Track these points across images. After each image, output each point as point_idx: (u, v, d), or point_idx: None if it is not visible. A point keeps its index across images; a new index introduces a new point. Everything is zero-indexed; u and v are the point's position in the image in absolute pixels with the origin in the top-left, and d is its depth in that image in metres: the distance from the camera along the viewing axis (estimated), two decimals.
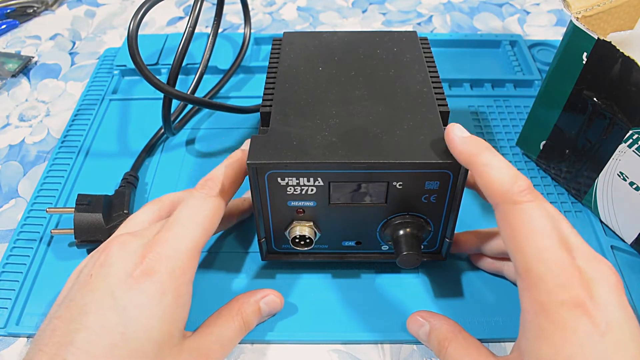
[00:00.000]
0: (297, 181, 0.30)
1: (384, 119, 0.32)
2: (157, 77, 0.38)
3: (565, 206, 0.41)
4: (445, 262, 0.36)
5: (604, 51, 0.33)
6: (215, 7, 0.49)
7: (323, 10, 0.64)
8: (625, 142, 0.34)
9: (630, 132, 0.33)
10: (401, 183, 0.30)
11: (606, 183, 0.37)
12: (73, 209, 0.37)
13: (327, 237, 0.34)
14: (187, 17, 0.47)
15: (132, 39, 0.36)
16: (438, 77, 0.35)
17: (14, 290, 0.36)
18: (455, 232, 0.34)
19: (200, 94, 0.50)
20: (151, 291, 0.26)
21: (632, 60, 0.31)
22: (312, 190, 0.31)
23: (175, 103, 0.46)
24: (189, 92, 0.46)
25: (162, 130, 0.46)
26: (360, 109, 0.32)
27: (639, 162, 0.34)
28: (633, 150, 0.34)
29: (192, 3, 0.40)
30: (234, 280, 0.37)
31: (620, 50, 0.32)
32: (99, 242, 0.35)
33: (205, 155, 0.46)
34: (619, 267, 0.37)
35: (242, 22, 0.55)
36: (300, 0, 0.66)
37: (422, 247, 0.34)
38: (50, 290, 0.36)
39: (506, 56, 0.55)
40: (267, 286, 0.34)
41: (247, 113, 0.46)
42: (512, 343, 0.33)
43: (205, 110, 0.50)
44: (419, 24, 0.62)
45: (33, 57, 0.58)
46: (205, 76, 0.50)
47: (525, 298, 0.25)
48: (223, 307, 0.32)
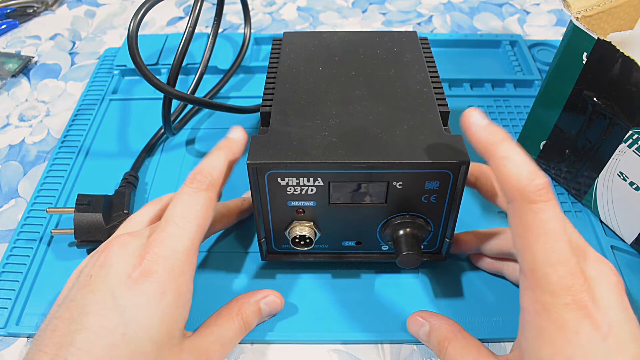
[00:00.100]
0: (297, 181, 0.30)
1: (384, 119, 0.32)
2: (157, 77, 0.38)
3: (565, 206, 0.41)
4: (445, 262, 0.36)
5: (604, 51, 0.33)
6: (215, 7, 0.49)
7: (323, 10, 0.64)
8: (625, 142, 0.34)
9: (630, 132, 0.33)
10: (401, 183, 0.30)
11: (606, 183, 0.37)
12: (73, 209, 0.37)
13: (327, 237, 0.34)
14: (187, 17, 0.47)
15: (132, 39, 0.36)
16: (438, 77, 0.35)
17: (14, 290, 0.36)
18: (455, 232, 0.34)
19: (200, 94, 0.50)
20: (150, 292, 0.26)
21: (632, 60, 0.31)
22: (312, 190, 0.31)
23: (175, 103, 0.46)
24: (189, 92, 0.46)
25: (162, 130, 0.46)
26: (360, 109, 0.32)
27: (639, 162, 0.34)
28: (633, 150, 0.34)
29: (192, 3, 0.40)
30: (234, 280, 0.37)
31: (620, 50, 0.32)
32: (99, 242, 0.35)
33: (205, 155, 0.46)
34: (619, 267, 0.37)
35: (242, 22, 0.55)
36: (300, 0, 0.66)
37: (422, 247, 0.34)
38: (50, 290, 0.36)
39: (506, 56, 0.55)
40: (267, 286, 0.35)
41: (247, 113, 0.46)
42: (512, 343, 0.33)
43: (205, 110, 0.50)
44: (419, 24, 0.62)
45: (33, 57, 0.58)
46: (205, 76, 0.50)
47: (526, 297, 0.25)
48: (223, 307, 0.32)
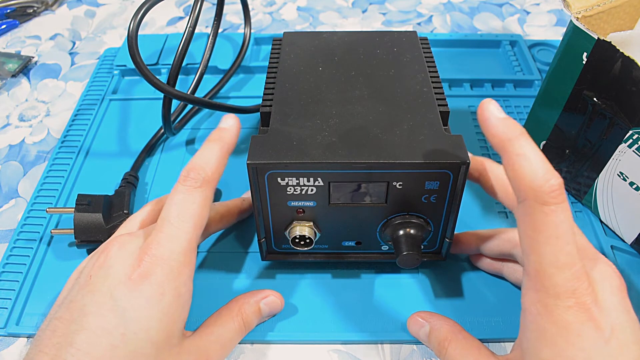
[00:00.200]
0: (297, 181, 0.30)
1: (384, 119, 0.32)
2: (157, 77, 0.38)
3: None
4: (445, 262, 0.36)
5: (604, 51, 0.33)
6: (215, 7, 0.49)
7: (323, 10, 0.64)
8: (625, 142, 0.34)
9: (630, 132, 0.33)
10: (401, 183, 0.30)
11: (606, 183, 0.37)
12: (73, 209, 0.37)
13: (327, 237, 0.34)
14: (187, 17, 0.47)
15: (132, 39, 0.36)
16: (438, 77, 0.35)
17: (14, 290, 0.36)
18: (455, 232, 0.34)
19: (200, 94, 0.50)
20: (149, 293, 0.26)
21: (632, 60, 0.31)
22: (312, 190, 0.31)
23: (175, 103, 0.46)
24: (189, 92, 0.46)
25: (162, 130, 0.46)
26: (360, 109, 0.32)
27: (639, 162, 0.34)
28: (633, 150, 0.34)
29: (192, 3, 0.40)
30: (234, 280, 0.37)
31: (620, 50, 0.32)
32: (99, 242, 0.35)
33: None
34: (619, 267, 0.37)
35: (242, 22, 0.55)
36: (300, 0, 0.66)
37: (422, 247, 0.34)
38: (50, 290, 0.36)
39: (506, 56, 0.55)
40: (267, 286, 0.35)
41: (247, 113, 0.46)
42: (512, 343, 0.33)
43: (205, 110, 0.50)
44: (419, 24, 0.62)
45: (33, 57, 0.58)
46: (205, 76, 0.50)
47: (529, 298, 0.25)
48: (223, 307, 0.32)
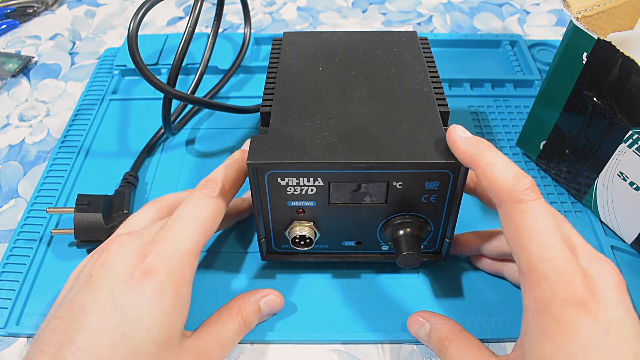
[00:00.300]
0: (297, 181, 0.30)
1: (384, 119, 0.32)
2: (157, 77, 0.38)
3: (565, 206, 0.41)
4: (445, 262, 0.36)
5: (604, 51, 0.33)
6: (215, 7, 0.49)
7: (323, 10, 0.64)
8: (625, 142, 0.34)
9: (630, 132, 0.33)
10: (401, 183, 0.30)
11: (606, 183, 0.37)
12: (73, 209, 0.37)
13: (327, 237, 0.34)
14: (187, 17, 0.47)
15: (132, 39, 0.36)
16: (438, 77, 0.35)
17: (14, 290, 0.36)
18: (455, 233, 0.34)
19: (200, 94, 0.50)
20: (150, 291, 0.26)
21: (632, 60, 0.31)
22: (312, 190, 0.31)
23: (175, 103, 0.46)
24: (189, 92, 0.46)
25: (162, 130, 0.46)
26: (360, 109, 0.32)
27: (639, 162, 0.34)
28: (633, 150, 0.34)
29: (192, 3, 0.40)
30: (234, 280, 0.37)
31: (620, 50, 0.32)
32: (99, 242, 0.35)
33: (205, 155, 0.46)
34: (619, 267, 0.37)
35: (242, 22, 0.55)
36: (300, 0, 0.66)
37: (422, 247, 0.34)
38: (50, 290, 0.36)
39: (506, 56, 0.55)
40: (267, 286, 0.35)
41: (247, 113, 0.46)
42: (512, 343, 0.33)
43: (205, 110, 0.50)
44: (419, 24, 0.62)
45: (33, 57, 0.58)
46: (205, 76, 0.50)
47: (527, 296, 0.26)
48: (223, 307, 0.32)
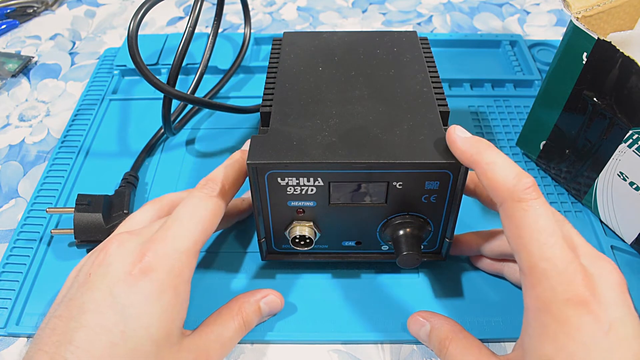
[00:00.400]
0: (297, 181, 0.30)
1: (384, 119, 0.32)
2: (157, 77, 0.38)
3: (565, 206, 0.41)
4: (445, 262, 0.36)
5: (604, 51, 0.33)
6: (215, 7, 0.49)
7: (323, 10, 0.64)
8: (625, 142, 0.34)
9: (630, 132, 0.33)
10: (401, 183, 0.30)
11: (606, 183, 0.37)
12: (73, 209, 0.37)
13: (327, 237, 0.34)
14: (187, 17, 0.47)
15: (132, 39, 0.36)
16: (438, 77, 0.35)
17: (14, 290, 0.36)
18: (456, 233, 0.34)
19: (200, 94, 0.50)
20: (149, 289, 0.26)
21: (632, 60, 0.31)
22: (312, 190, 0.31)
23: (175, 103, 0.46)
24: (189, 92, 0.46)
25: (162, 130, 0.46)
26: (360, 109, 0.32)
27: (639, 162, 0.34)
28: (633, 150, 0.34)
29: (192, 3, 0.40)
30: (233, 280, 0.37)
31: (620, 50, 0.32)
32: (99, 242, 0.35)
33: (205, 155, 0.46)
34: (619, 267, 0.37)
35: (242, 22, 0.55)
36: (300, 0, 0.66)
37: (422, 247, 0.34)
38: (50, 290, 0.36)
39: (506, 56, 0.55)
40: (267, 286, 0.35)
41: (247, 113, 0.46)
42: (512, 343, 0.33)
43: (205, 110, 0.50)
44: (419, 24, 0.62)
45: (33, 57, 0.58)
46: (205, 76, 0.50)
47: (528, 296, 0.26)
48: (223, 307, 0.32)
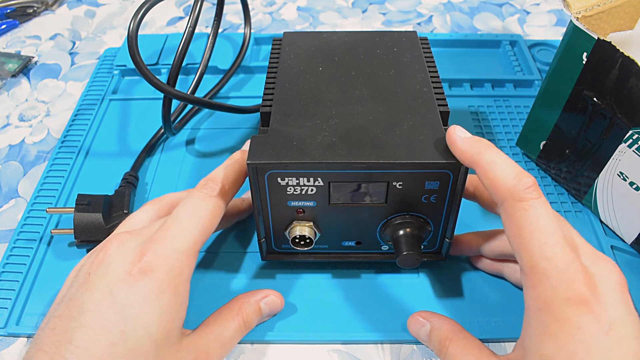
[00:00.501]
0: (297, 181, 0.30)
1: (384, 119, 0.32)
2: (157, 77, 0.38)
3: (565, 206, 0.41)
4: (446, 262, 0.36)
5: (604, 51, 0.33)
6: (215, 7, 0.49)
7: (323, 10, 0.64)
8: (625, 142, 0.34)
9: (630, 132, 0.33)
10: (401, 183, 0.30)
11: (606, 183, 0.37)
12: (73, 209, 0.37)
13: (327, 237, 0.34)
14: (187, 17, 0.47)
15: (132, 39, 0.36)
16: (438, 77, 0.35)
17: (14, 290, 0.36)
18: (456, 233, 0.34)
19: (200, 94, 0.50)
20: (149, 289, 0.26)
21: (632, 60, 0.31)
22: (312, 190, 0.31)
23: (175, 103, 0.46)
24: (189, 92, 0.46)
25: (162, 130, 0.46)
26: (360, 109, 0.32)
27: (639, 162, 0.34)
28: (633, 150, 0.34)
29: (192, 3, 0.40)
30: (233, 280, 0.37)
31: (620, 50, 0.32)
32: (99, 242, 0.35)
33: (205, 155, 0.46)
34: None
35: (242, 22, 0.55)
36: (300, 0, 0.66)
37: (422, 247, 0.34)
38: (50, 290, 0.36)
39: (506, 56, 0.55)
40: (267, 286, 0.35)
41: (247, 113, 0.46)
42: (512, 343, 0.33)
43: (205, 110, 0.50)
44: (419, 24, 0.62)
45: (33, 57, 0.58)
46: (205, 76, 0.50)
47: (529, 296, 0.26)
48: (223, 307, 0.32)
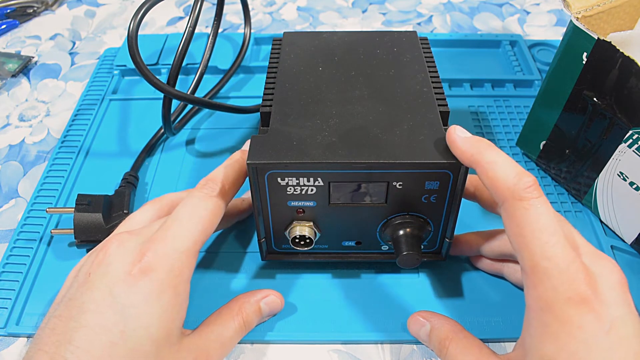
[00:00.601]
0: (297, 181, 0.30)
1: (384, 119, 0.32)
2: (157, 77, 0.38)
3: (565, 206, 0.41)
4: (445, 262, 0.36)
5: (604, 51, 0.33)
6: (215, 7, 0.49)
7: (323, 10, 0.64)
8: (625, 142, 0.34)
9: (630, 132, 0.33)
10: (401, 183, 0.30)
11: (606, 183, 0.37)
12: (73, 209, 0.37)
13: (327, 237, 0.34)
14: (187, 17, 0.47)
15: (132, 39, 0.36)
16: (438, 77, 0.35)
17: (14, 290, 0.36)
18: (456, 233, 0.34)
19: (200, 94, 0.50)
20: (149, 289, 0.26)
21: (632, 60, 0.31)
22: (312, 190, 0.31)
23: (175, 103, 0.46)
24: (189, 92, 0.46)
25: (162, 130, 0.46)
26: (360, 109, 0.32)
27: (639, 162, 0.34)
28: (633, 150, 0.34)
29: (192, 3, 0.40)
30: (233, 280, 0.37)
31: (620, 50, 0.32)
32: (99, 242, 0.35)
33: (205, 155, 0.46)
34: None
35: (242, 22, 0.55)
36: (300, 0, 0.66)
37: (422, 247, 0.34)
38: (50, 290, 0.36)
39: (506, 56, 0.55)
40: (267, 286, 0.35)
41: (247, 113, 0.46)
42: (512, 343, 0.33)
43: (205, 110, 0.50)
44: (419, 24, 0.62)
45: (33, 57, 0.58)
46: (205, 76, 0.50)
47: (530, 295, 0.25)
48: (223, 307, 0.32)
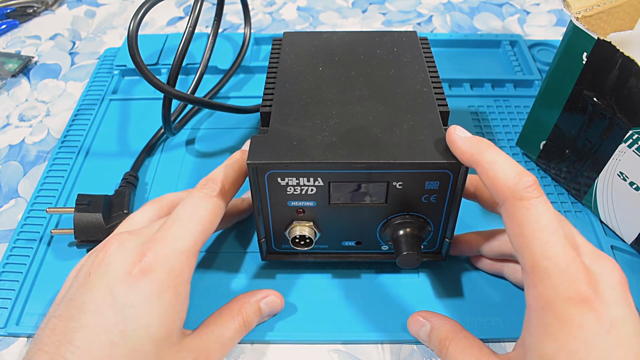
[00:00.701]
0: (297, 181, 0.30)
1: (384, 119, 0.32)
2: (157, 77, 0.38)
3: (565, 206, 0.41)
4: (445, 262, 0.36)
5: (604, 51, 0.33)
6: (215, 7, 0.49)
7: (323, 10, 0.64)
8: (625, 142, 0.34)
9: (630, 132, 0.33)
10: (401, 183, 0.30)
11: (606, 183, 0.37)
12: (73, 209, 0.37)
13: (327, 237, 0.34)
14: (187, 17, 0.47)
15: (132, 39, 0.36)
16: (438, 77, 0.35)
17: (14, 290, 0.36)
18: (456, 233, 0.34)
19: (200, 94, 0.50)
20: (149, 289, 0.26)
21: (632, 60, 0.31)
22: (312, 190, 0.31)
23: (175, 103, 0.46)
24: (189, 92, 0.46)
25: (162, 130, 0.46)
26: (360, 109, 0.32)
27: (639, 162, 0.34)
28: (633, 150, 0.34)
29: (192, 3, 0.40)
30: (233, 280, 0.37)
31: (620, 50, 0.32)
32: (99, 242, 0.35)
33: (205, 155, 0.46)
34: None
35: (242, 22, 0.55)
36: (300, 0, 0.66)
37: (422, 247, 0.34)
38: (50, 290, 0.36)
39: (506, 56, 0.55)
40: (267, 286, 0.35)
41: (247, 113, 0.46)
42: (512, 343, 0.33)
43: (205, 110, 0.50)
44: (419, 24, 0.62)
45: (33, 57, 0.58)
46: (205, 76, 0.50)
47: (530, 295, 0.26)
48: (223, 307, 0.32)
